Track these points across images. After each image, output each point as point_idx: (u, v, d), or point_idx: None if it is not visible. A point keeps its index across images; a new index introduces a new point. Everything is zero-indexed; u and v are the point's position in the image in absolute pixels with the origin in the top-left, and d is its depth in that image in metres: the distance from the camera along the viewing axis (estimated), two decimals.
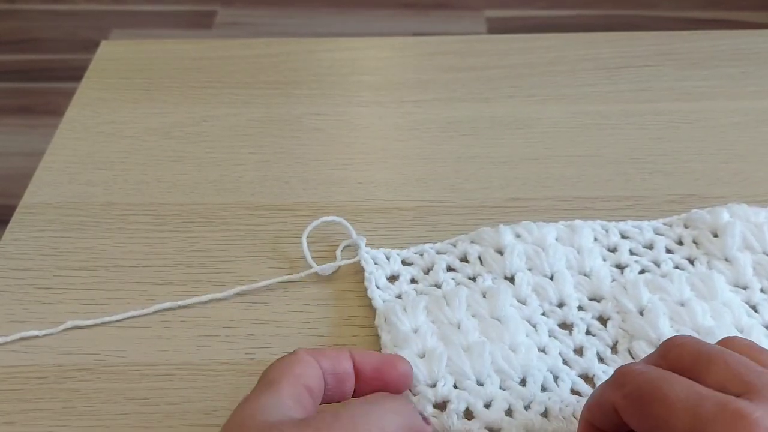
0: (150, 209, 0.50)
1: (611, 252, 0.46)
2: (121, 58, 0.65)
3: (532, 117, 0.58)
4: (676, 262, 0.45)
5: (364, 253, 0.45)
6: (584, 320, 0.42)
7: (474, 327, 0.40)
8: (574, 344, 0.41)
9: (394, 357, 0.37)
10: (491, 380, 0.38)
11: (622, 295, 0.43)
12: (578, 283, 0.44)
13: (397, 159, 0.55)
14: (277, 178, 0.53)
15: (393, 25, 1.91)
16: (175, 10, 1.97)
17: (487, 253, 0.45)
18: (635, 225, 0.47)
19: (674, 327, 0.41)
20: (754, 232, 0.45)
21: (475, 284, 0.44)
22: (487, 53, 0.65)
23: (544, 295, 0.43)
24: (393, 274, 0.45)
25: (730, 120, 0.58)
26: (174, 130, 0.57)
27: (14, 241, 0.48)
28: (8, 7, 1.98)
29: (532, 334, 0.41)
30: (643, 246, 0.46)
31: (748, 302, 0.43)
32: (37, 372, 0.40)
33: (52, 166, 0.54)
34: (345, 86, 0.62)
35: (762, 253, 0.45)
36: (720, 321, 0.41)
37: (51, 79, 1.76)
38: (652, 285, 0.43)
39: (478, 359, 0.38)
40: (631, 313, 0.42)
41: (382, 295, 0.43)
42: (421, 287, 0.44)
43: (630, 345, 0.40)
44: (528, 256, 0.45)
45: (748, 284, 0.44)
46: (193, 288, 0.45)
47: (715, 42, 0.67)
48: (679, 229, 0.47)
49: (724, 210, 0.47)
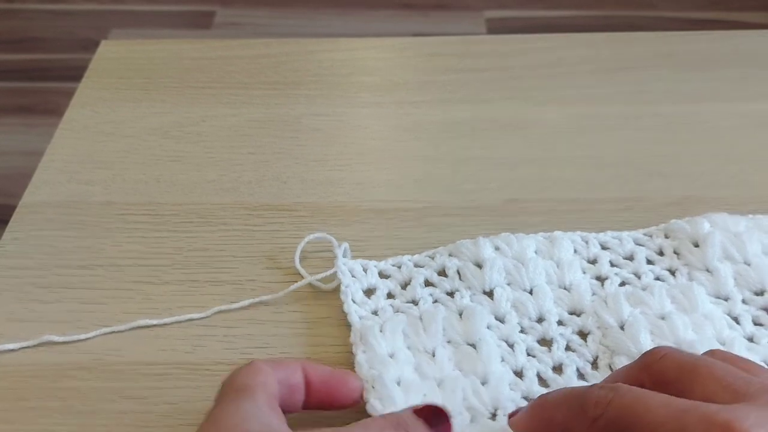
0: (149, 209, 0.50)
1: (591, 264, 0.45)
2: (121, 57, 0.65)
3: (531, 118, 0.58)
4: (656, 274, 0.44)
5: (341, 265, 0.44)
6: (564, 336, 0.41)
7: (448, 357, 0.40)
8: (553, 362, 0.40)
9: (344, 373, 0.37)
10: (462, 417, 0.37)
11: (603, 309, 0.42)
12: (558, 298, 0.43)
13: (396, 160, 0.55)
14: (275, 179, 0.53)
15: (393, 26, 1.91)
16: (174, 10, 1.97)
17: (466, 268, 0.44)
18: (615, 236, 0.47)
19: (655, 341, 0.40)
20: (734, 242, 0.45)
21: (452, 301, 0.43)
22: (487, 54, 0.65)
23: (524, 311, 0.42)
24: (370, 287, 0.44)
25: (729, 122, 0.58)
26: (173, 130, 0.57)
27: (14, 240, 0.48)
28: (7, 7, 1.98)
29: (509, 357, 0.40)
30: (624, 257, 0.46)
31: (730, 314, 0.42)
32: (36, 371, 0.40)
33: (52, 166, 0.54)
34: (344, 87, 0.62)
35: (743, 263, 0.44)
36: (701, 334, 0.40)
37: (50, 79, 1.76)
38: (632, 298, 0.42)
39: (450, 395, 0.38)
40: (612, 328, 0.41)
41: (358, 311, 0.43)
42: (398, 303, 0.43)
43: (611, 360, 0.40)
44: (507, 270, 0.44)
45: (730, 295, 0.43)
46: (191, 288, 0.45)
47: (714, 43, 0.67)
48: (659, 239, 0.46)
49: (705, 220, 0.46)
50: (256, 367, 0.34)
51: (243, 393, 0.32)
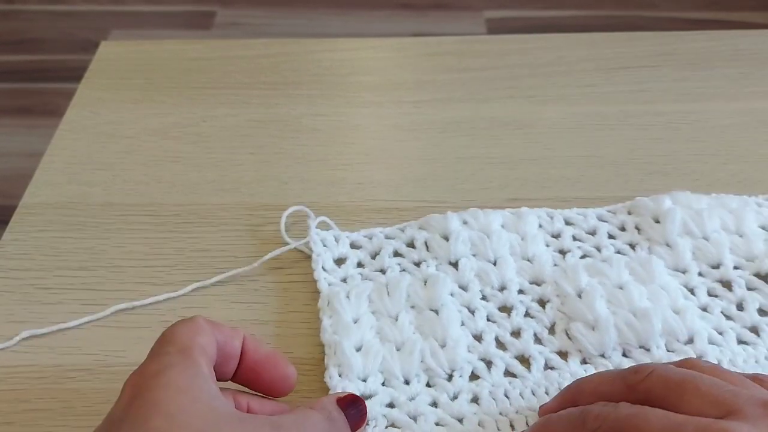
0: (149, 209, 0.50)
1: (555, 238, 0.47)
2: (121, 58, 0.65)
3: (532, 117, 0.58)
4: (617, 248, 0.46)
5: (313, 234, 0.46)
6: (524, 303, 0.43)
7: (410, 321, 0.41)
8: (512, 327, 0.42)
9: (282, 359, 0.35)
10: (419, 379, 0.39)
11: (562, 278, 0.43)
12: (520, 268, 0.45)
13: (396, 159, 0.55)
14: (276, 179, 0.53)
15: (392, 26, 1.91)
16: (174, 10, 1.97)
17: (434, 240, 0.46)
18: (580, 212, 0.48)
19: (611, 308, 0.41)
20: (694, 218, 0.46)
21: (418, 271, 0.45)
22: (487, 54, 0.65)
23: (486, 280, 0.44)
24: (341, 256, 0.46)
25: (729, 121, 0.58)
26: (173, 131, 0.57)
27: (14, 241, 0.48)
28: (7, 8, 1.98)
29: (469, 321, 0.42)
30: (586, 232, 0.47)
31: (687, 285, 0.44)
32: (37, 372, 0.40)
33: (52, 167, 0.54)
34: (344, 87, 0.62)
35: (702, 238, 0.46)
36: (656, 303, 0.42)
37: (50, 80, 1.76)
38: (591, 269, 0.44)
39: (408, 358, 0.39)
40: (570, 296, 0.42)
41: (327, 278, 0.44)
42: (366, 272, 0.45)
43: (567, 326, 0.41)
44: (473, 242, 0.46)
45: (687, 268, 0.45)
46: (192, 288, 0.45)
47: (714, 42, 0.67)
48: (622, 216, 0.48)
49: (667, 197, 0.48)
50: (198, 325, 0.33)
51: (184, 355, 0.31)
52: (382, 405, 0.38)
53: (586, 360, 0.40)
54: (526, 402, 0.38)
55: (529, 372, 0.39)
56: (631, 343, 0.40)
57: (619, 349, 0.40)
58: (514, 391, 0.38)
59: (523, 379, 0.39)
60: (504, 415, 0.37)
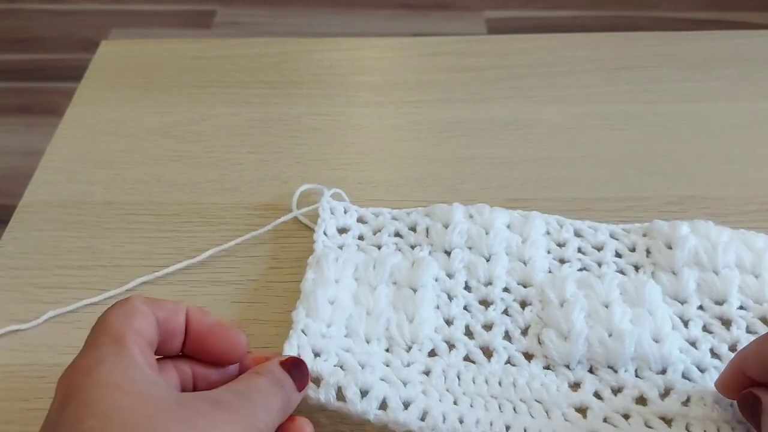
0: (149, 209, 0.50)
1: (560, 246, 0.47)
2: (121, 57, 0.65)
3: (532, 118, 0.58)
4: (620, 267, 0.45)
5: (324, 202, 0.48)
6: (505, 301, 0.43)
7: (387, 294, 0.42)
8: (486, 319, 0.42)
9: (230, 327, 0.35)
10: (379, 342, 0.40)
11: (549, 285, 0.43)
12: (512, 269, 0.45)
13: (397, 159, 0.55)
14: (276, 178, 0.53)
15: (392, 26, 1.91)
16: (174, 9, 1.97)
17: (434, 227, 0.47)
18: (591, 226, 0.48)
19: (589, 323, 0.41)
20: (708, 250, 0.45)
21: (411, 253, 0.46)
22: (487, 54, 0.65)
23: (474, 272, 0.44)
24: (345, 226, 0.47)
25: (729, 121, 0.58)
26: (173, 130, 0.57)
27: (14, 240, 0.48)
28: (8, 7, 1.98)
29: (445, 306, 0.43)
30: (593, 246, 0.47)
31: (682, 316, 0.42)
32: (36, 371, 0.40)
33: (52, 166, 0.54)
34: (344, 86, 0.62)
35: (711, 272, 0.44)
36: (638, 326, 0.40)
37: (50, 79, 1.76)
38: (581, 282, 0.43)
39: (374, 323, 0.41)
40: (551, 303, 0.42)
41: (325, 241, 0.46)
42: (363, 244, 0.46)
43: (540, 332, 0.41)
44: (470, 235, 0.46)
45: (688, 299, 0.43)
46: (193, 287, 0.45)
47: (714, 43, 0.67)
48: (635, 236, 0.47)
49: (685, 224, 0.46)
50: (132, 307, 0.32)
51: (117, 346, 0.30)
52: (339, 347, 0.38)
53: (550, 366, 0.40)
54: (476, 387, 0.38)
55: (489, 362, 0.40)
56: (599, 360, 0.40)
57: (585, 363, 0.40)
58: (467, 374, 0.39)
59: (480, 366, 0.39)
60: (450, 392, 0.38)
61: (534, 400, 0.38)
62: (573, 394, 0.38)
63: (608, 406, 0.38)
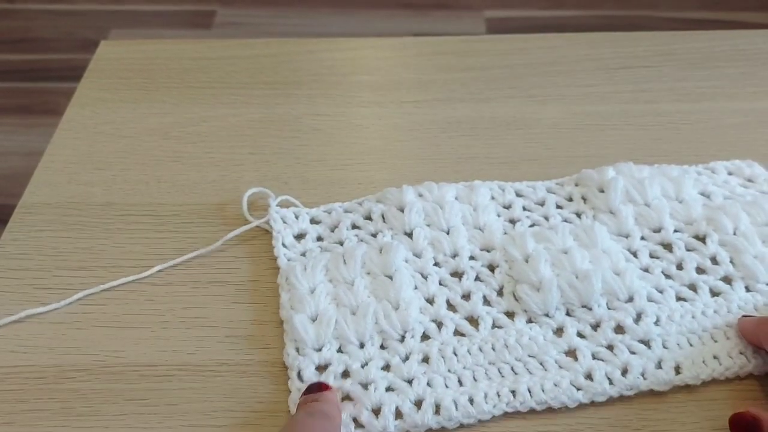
0: (149, 209, 0.50)
1: (506, 209, 0.49)
2: (121, 58, 0.64)
3: (532, 117, 0.58)
4: (564, 217, 0.49)
5: (273, 213, 0.48)
6: (474, 268, 0.45)
7: (365, 286, 0.43)
8: (462, 290, 0.44)
9: None
10: (372, 341, 0.41)
11: (511, 245, 0.46)
12: (472, 237, 0.47)
13: (397, 159, 0.55)
14: (276, 179, 0.53)
15: (393, 25, 1.91)
16: (174, 10, 1.97)
17: (390, 212, 0.48)
18: (530, 185, 0.51)
19: (555, 271, 0.44)
20: (636, 186, 0.49)
21: (375, 241, 0.47)
22: (487, 53, 0.65)
23: (439, 247, 0.46)
24: (301, 232, 0.48)
25: (729, 120, 0.58)
26: (173, 130, 0.57)
27: (13, 241, 0.48)
28: (7, 7, 1.98)
29: (422, 285, 0.44)
30: (536, 203, 0.50)
31: (629, 249, 0.47)
32: (36, 372, 0.40)
33: (52, 166, 0.53)
34: (344, 86, 0.62)
35: (643, 205, 0.48)
36: (598, 265, 0.44)
37: (50, 79, 1.75)
38: (538, 236, 0.46)
39: (362, 321, 0.41)
40: (517, 261, 0.45)
41: (287, 254, 0.46)
42: (325, 244, 0.47)
43: (514, 288, 0.44)
44: (427, 212, 0.48)
45: (630, 233, 0.47)
46: (193, 288, 0.45)
47: (714, 42, 0.67)
48: (569, 187, 0.51)
49: (610, 168, 0.50)
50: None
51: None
52: (337, 377, 0.40)
53: (531, 319, 0.42)
54: (473, 358, 0.40)
55: (477, 331, 0.42)
56: (573, 302, 0.43)
57: (562, 309, 0.43)
58: (462, 348, 0.41)
59: (471, 337, 0.41)
60: (452, 372, 0.40)
61: (528, 356, 0.40)
62: (559, 340, 0.42)
63: (593, 342, 0.41)
